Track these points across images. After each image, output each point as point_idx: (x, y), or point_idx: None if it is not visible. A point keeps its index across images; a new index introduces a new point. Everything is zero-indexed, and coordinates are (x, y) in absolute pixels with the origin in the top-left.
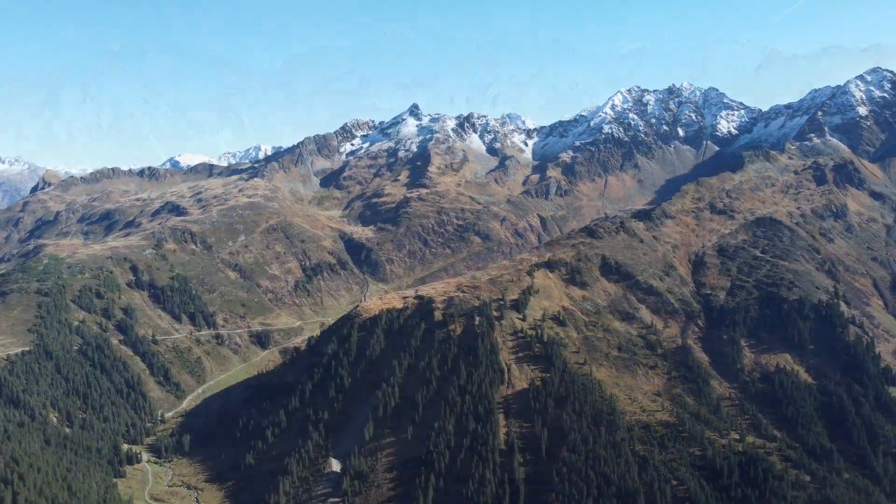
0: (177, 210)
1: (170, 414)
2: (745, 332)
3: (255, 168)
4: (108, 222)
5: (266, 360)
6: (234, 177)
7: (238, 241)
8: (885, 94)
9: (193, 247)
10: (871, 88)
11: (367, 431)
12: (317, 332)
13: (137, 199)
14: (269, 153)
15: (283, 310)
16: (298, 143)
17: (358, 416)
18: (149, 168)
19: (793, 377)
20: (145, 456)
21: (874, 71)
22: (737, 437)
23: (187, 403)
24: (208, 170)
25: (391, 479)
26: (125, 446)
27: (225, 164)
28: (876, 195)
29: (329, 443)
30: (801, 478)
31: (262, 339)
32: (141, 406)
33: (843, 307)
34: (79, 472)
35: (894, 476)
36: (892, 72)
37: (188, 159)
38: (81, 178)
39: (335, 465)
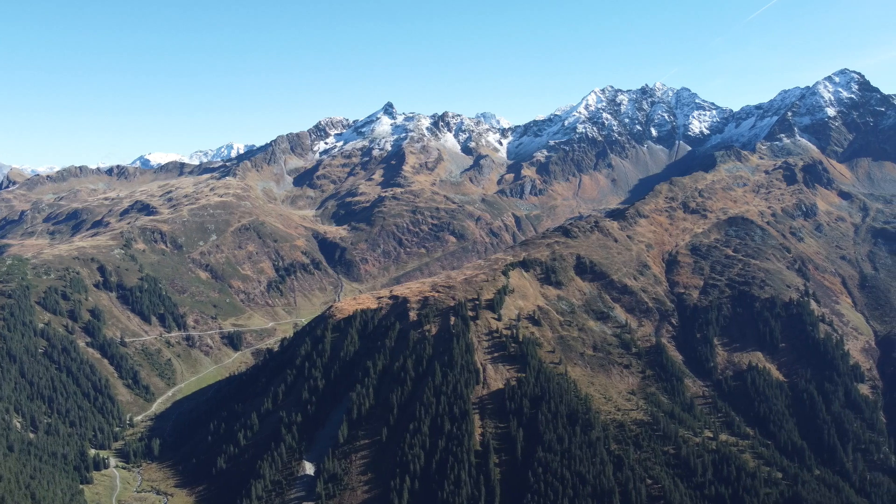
0: (146, 209)
1: (139, 418)
2: (717, 330)
3: (227, 167)
4: (75, 222)
5: (238, 361)
6: (206, 175)
7: (209, 240)
8: (853, 96)
9: (163, 247)
10: (839, 90)
11: (341, 433)
12: (290, 333)
13: (106, 198)
14: (242, 151)
15: (256, 310)
16: (271, 142)
17: (332, 418)
18: (118, 166)
19: (765, 375)
20: (113, 461)
21: (842, 72)
22: (710, 435)
23: (157, 407)
24: (179, 168)
25: (366, 482)
26: (92, 451)
27: (196, 162)
28: (844, 195)
29: (302, 445)
30: (773, 475)
31: (234, 341)
32: (109, 410)
33: (814, 305)
34: (43, 479)
35: (863, 472)
36: (859, 73)
37: (158, 157)
38: (48, 176)
39: (309, 468)
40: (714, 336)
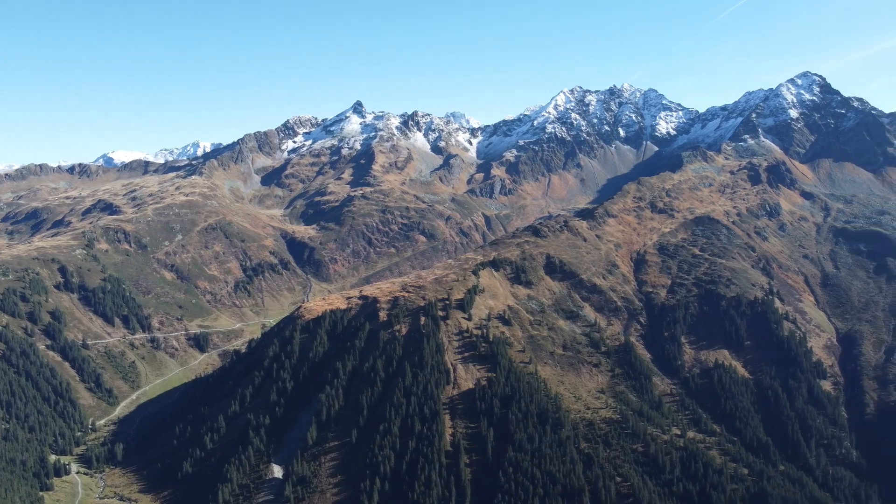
0: (110, 208)
1: (101, 422)
2: (685, 329)
3: (194, 165)
4: (34, 221)
5: (205, 363)
6: (171, 174)
7: (175, 240)
8: (815, 98)
9: (127, 247)
10: (802, 92)
11: (310, 436)
12: (258, 334)
13: (67, 197)
14: (208, 150)
15: (223, 311)
16: (239, 140)
17: (301, 421)
18: (80, 165)
19: (731, 372)
20: (75, 467)
21: (804, 75)
22: (678, 432)
23: (120, 411)
24: (144, 167)
25: (335, 484)
26: (53, 457)
27: (161, 160)
28: (807, 195)
29: (271, 448)
30: (739, 471)
31: (200, 342)
32: (70, 414)
33: (777, 303)
34: (1, 486)
35: (826, 467)
36: (820, 76)
37: (122, 156)
38: (6, 174)
39: (277, 471)
40: (681, 334)
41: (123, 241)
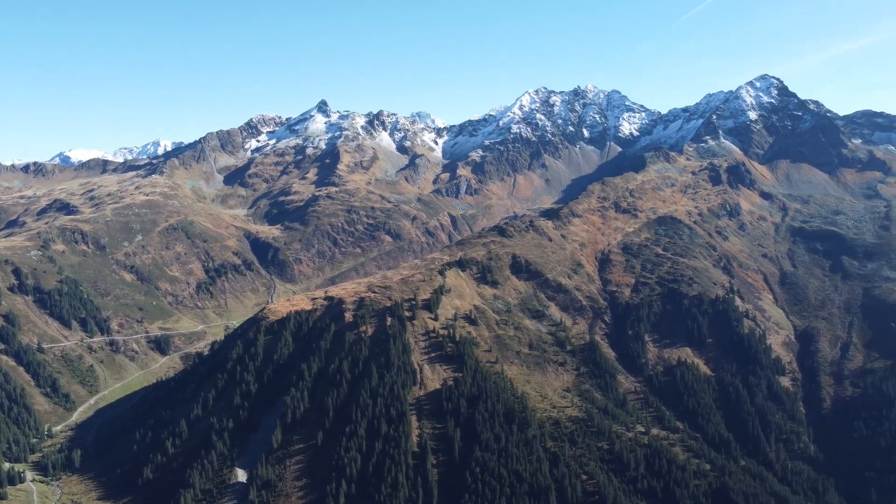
0: (66, 208)
1: (58, 428)
2: (648, 327)
3: (154, 164)
4: None
5: (166, 366)
6: (131, 173)
7: (135, 241)
8: (773, 100)
9: (85, 247)
10: (760, 94)
11: (275, 439)
12: (221, 336)
13: (22, 197)
14: (169, 149)
15: (185, 313)
16: (200, 139)
17: (265, 424)
18: (35, 163)
19: (693, 370)
20: (30, 475)
21: (763, 78)
22: (642, 429)
23: (78, 416)
24: (102, 166)
25: (301, 487)
26: (6, 465)
27: (121, 159)
28: (765, 195)
29: (234, 452)
30: (701, 467)
31: (161, 345)
32: (25, 420)
33: (738, 301)
34: None
35: (785, 461)
36: (778, 79)
37: (80, 154)
38: None
39: (241, 476)
40: (645, 333)
41: (81, 241)
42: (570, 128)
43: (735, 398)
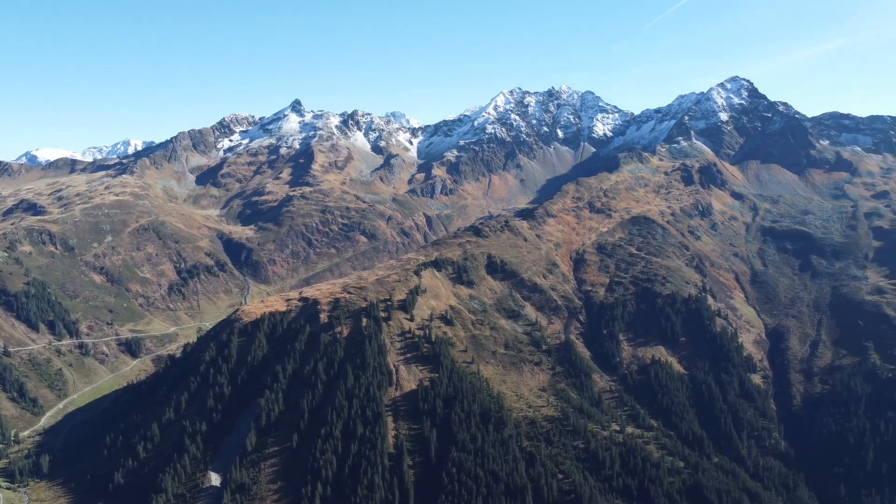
0: (33, 209)
1: (25, 433)
2: (623, 326)
3: (124, 164)
4: None
5: (137, 369)
6: (100, 173)
7: (104, 242)
8: (743, 102)
9: (53, 249)
10: (731, 96)
11: (249, 442)
12: (193, 339)
13: None
14: (140, 148)
15: (156, 315)
16: (172, 138)
17: (239, 426)
18: (0, 162)
19: (667, 368)
20: None
21: (733, 80)
22: (617, 428)
23: (46, 421)
24: (70, 165)
25: (276, 491)
26: None
27: (90, 159)
28: (736, 195)
29: (208, 456)
30: (675, 464)
31: (132, 348)
32: None
33: (710, 300)
34: None
35: (756, 457)
36: (748, 81)
37: (47, 154)
38: None
39: (215, 479)
40: (620, 332)
41: (49, 242)
42: (545, 128)
43: (708, 396)
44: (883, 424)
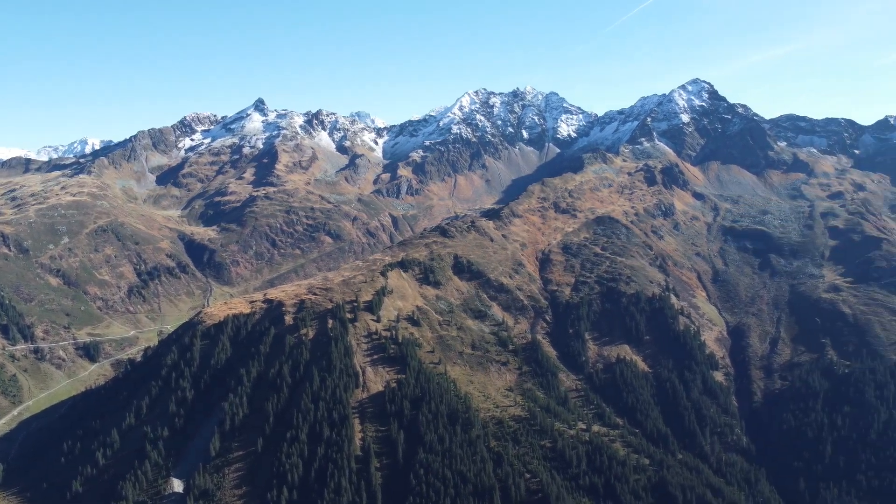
0: None
1: None
2: (588, 325)
3: (81, 163)
4: None
5: (96, 374)
6: (56, 172)
7: (61, 243)
8: (704, 103)
9: (6, 251)
10: (692, 97)
11: (212, 447)
12: (154, 342)
13: None
14: (98, 147)
15: (116, 318)
16: (131, 137)
17: (202, 431)
18: None
19: (632, 367)
20: None
21: (694, 82)
22: (584, 427)
23: (0, 428)
24: (24, 164)
25: (241, 496)
26: None
27: (45, 158)
28: (698, 195)
29: (170, 462)
30: (641, 462)
31: (90, 352)
32: None
33: (673, 299)
34: None
35: (720, 453)
36: (709, 83)
37: (0, 153)
38: None
39: (177, 486)
40: (585, 331)
41: (2, 244)
42: (510, 129)
43: (672, 393)
44: (840, 419)
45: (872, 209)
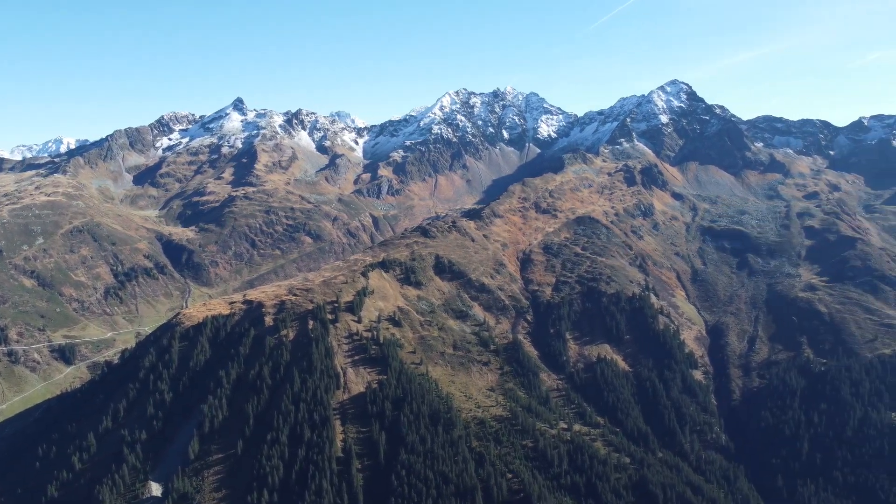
0: None
1: None
2: (569, 325)
3: (56, 163)
4: None
5: (72, 377)
6: (31, 172)
7: (35, 244)
8: (682, 104)
9: None
10: (671, 99)
11: (191, 450)
12: (132, 344)
13: None
14: (73, 147)
15: (92, 320)
16: (108, 137)
17: (181, 434)
18: None
19: (612, 366)
20: None
21: (673, 83)
22: (565, 426)
23: None
24: None
25: (220, 499)
26: None
27: (18, 157)
28: (677, 195)
29: (148, 465)
30: (622, 460)
31: (66, 354)
32: None
33: (653, 299)
34: None
35: (699, 451)
36: (687, 84)
37: None
38: None
39: (155, 490)
40: (566, 331)
41: None
42: (491, 129)
43: (652, 392)
44: (816, 416)
45: (847, 209)
